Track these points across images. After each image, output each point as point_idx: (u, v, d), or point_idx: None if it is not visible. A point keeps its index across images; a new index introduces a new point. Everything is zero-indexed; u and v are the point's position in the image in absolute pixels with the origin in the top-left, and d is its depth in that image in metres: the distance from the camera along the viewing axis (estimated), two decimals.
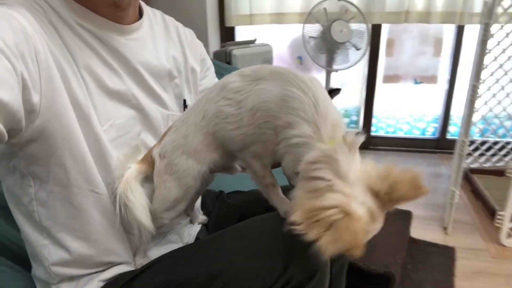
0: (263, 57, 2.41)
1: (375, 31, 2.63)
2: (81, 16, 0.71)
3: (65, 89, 0.66)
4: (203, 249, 0.74)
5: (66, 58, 0.67)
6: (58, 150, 0.66)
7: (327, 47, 2.33)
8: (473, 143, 2.22)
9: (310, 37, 2.34)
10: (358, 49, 2.34)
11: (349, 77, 2.86)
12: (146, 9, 0.86)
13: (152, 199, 0.78)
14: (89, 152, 0.70)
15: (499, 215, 1.74)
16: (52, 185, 0.69)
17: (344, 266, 0.94)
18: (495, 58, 1.81)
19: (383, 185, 0.57)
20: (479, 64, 1.67)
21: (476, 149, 2.26)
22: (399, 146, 2.91)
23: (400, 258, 1.41)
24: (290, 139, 0.63)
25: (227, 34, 2.77)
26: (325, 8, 2.27)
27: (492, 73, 1.89)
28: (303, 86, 0.63)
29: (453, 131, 2.83)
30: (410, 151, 2.86)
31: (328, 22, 2.25)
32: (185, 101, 0.90)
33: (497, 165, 2.30)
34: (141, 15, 0.84)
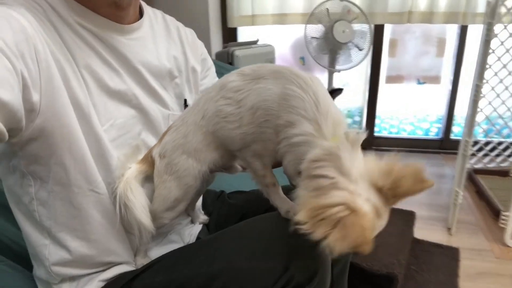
0: (266, 57, 2.40)
1: (378, 31, 2.63)
2: (81, 15, 0.71)
3: (65, 89, 0.66)
4: (204, 249, 0.74)
5: (66, 57, 0.67)
6: (58, 149, 0.66)
7: (330, 48, 2.32)
8: (477, 143, 2.21)
9: (312, 38, 2.33)
10: (360, 50, 2.33)
11: (352, 77, 2.86)
12: (146, 9, 0.86)
13: (152, 199, 0.77)
14: (89, 151, 0.70)
15: (504, 215, 1.73)
16: (52, 185, 0.69)
17: (346, 266, 0.93)
18: (499, 58, 1.80)
19: (387, 181, 0.57)
20: (482, 64, 1.66)
21: (480, 149, 2.24)
22: (403, 146, 2.89)
23: (403, 259, 1.40)
24: (291, 138, 0.62)
25: (229, 35, 2.77)
26: (327, 8, 2.26)
27: (495, 73, 1.88)
28: (303, 84, 0.63)
29: (457, 131, 2.81)
30: (413, 151, 2.84)
31: (330, 22, 2.25)
32: (185, 100, 0.90)
33: (501, 165, 2.28)
34: (141, 14, 0.84)
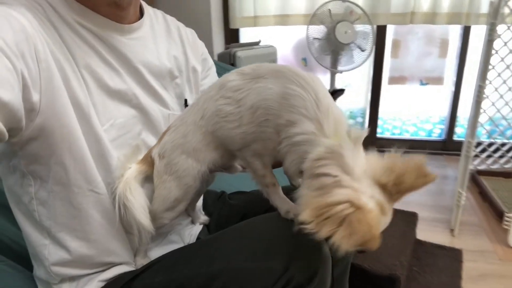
0: (268, 58, 2.40)
1: (380, 32, 2.62)
2: (81, 15, 0.71)
3: (65, 88, 0.65)
4: (203, 249, 0.74)
5: (66, 57, 0.67)
6: (58, 149, 0.66)
7: (332, 49, 2.32)
8: (480, 144, 2.20)
9: (314, 39, 2.33)
10: (363, 50, 2.33)
11: (354, 78, 2.85)
12: (147, 8, 0.86)
13: (152, 199, 0.77)
14: (89, 151, 0.70)
15: (507, 217, 1.73)
16: (52, 185, 0.69)
17: (347, 268, 0.92)
18: (502, 59, 1.79)
19: (390, 177, 0.57)
20: (485, 64, 1.66)
21: (483, 150, 2.23)
22: (405, 147, 2.87)
23: (405, 260, 1.39)
24: (292, 137, 0.62)
25: (231, 36, 2.77)
26: (329, 9, 2.26)
27: (499, 74, 1.87)
28: (303, 83, 0.62)
29: (460, 132, 2.80)
30: (416, 153, 2.82)
31: (332, 23, 2.25)
32: (186, 100, 0.89)
33: (504, 166, 2.27)
34: (142, 14, 0.84)
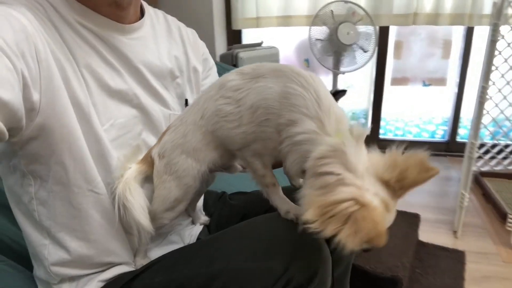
0: (270, 59, 2.40)
1: (383, 33, 2.61)
2: (82, 15, 0.71)
3: (65, 88, 0.65)
4: (203, 249, 0.74)
5: (66, 57, 0.67)
6: (57, 149, 0.66)
7: (334, 50, 2.32)
8: (483, 146, 2.19)
9: (316, 40, 2.33)
10: (365, 51, 2.32)
11: (357, 79, 2.84)
12: (147, 8, 0.86)
13: (152, 200, 0.77)
14: (89, 151, 0.69)
15: (511, 218, 1.71)
16: (52, 184, 0.69)
17: (348, 268, 0.92)
18: (505, 59, 1.78)
19: (392, 173, 0.57)
20: (488, 65, 1.65)
21: (486, 152, 2.22)
22: (408, 149, 2.86)
23: (407, 261, 1.38)
24: (294, 136, 0.62)
25: (234, 37, 2.78)
26: (332, 10, 2.26)
27: (502, 75, 1.86)
28: (303, 82, 0.62)
29: (463, 134, 2.78)
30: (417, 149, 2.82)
31: (335, 24, 2.25)
32: (187, 100, 0.89)
33: (508, 168, 2.25)
34: (142, 14, 0.84)
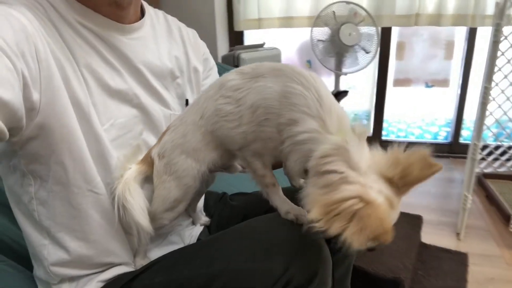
0: (272, 60, 2.37)
1: (385, 34, 2.61)
2: (82, 14, 0.71)
3: (65, 88, 0.65)
4: (204, 249, 0.73)
5: (66, 56, 0.67)
6: (57, 148, 0.66)
7: (336, 51, 2.31)
8: (487, 147, 2.18)
9: (318, 41, 2.32)
10: (367, 52, 2.32)
11: (359, 80, 2.84)
12: (148, 8, 0.85)
13: (152, 200, 0.77)
14: (89, 151, 0.69)
15: None
16: (52, 184, 0.69)
17: (349, 270, 0.91)
18: (509, 60, 1.77)
19: (395, 170, 0.56)
20: (490, 65, 1.64)
21: (490, 153, 2.21)
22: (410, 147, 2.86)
23: (409, 263, 1.37)
24: (295, 136, 0.61)
25: (235, 38, 2.78)
26: (333, 11, 2.25)
27: (505, 76, 1.85)
28: (304, 81, 0.62)
29: (466, 135, 2.77)
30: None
31: (337, 25, 2.24)
32: (187, 101, 0.89)
33: (511, 169, 2.24)
34: (143, 14, 0.84)
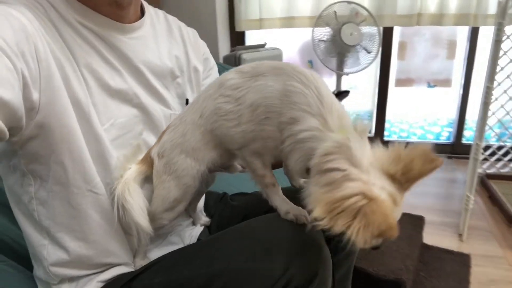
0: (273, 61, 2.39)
1: (387, 34, 2.60)
2: (82, 14, 0.70)
3: (65, 88, 0.65)
4: (203, 249, 0.73)
5: (66, 56, 0.67)
6: (57, 148, 0.66)
7: (338, 51, 2.30)
8: (489, 147, 2.17)
9: (320, 41, 2.32)
10: (369, 52, 2.31)
11: (361, 80, 2.83)
12: (148, 8, 0.85)
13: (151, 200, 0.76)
14: (89, 151, 0.69)
15: None
16: (52, 184, 0.68)
17: (349, 271, 0.91)
18: (511, 60, 1.76)
19: (397, 166, 0.56)
20: (493, 65, 1.63)
21: (493, 154, 2.20)
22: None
23: (411, 264, 1.37)
24: (296, 134, 0.61)
25: (237, 38, 2.78)
26: (335, 11, 2.25)
27: (508, 76, 1.84)
28: (304, 79, 0.62)
29: (469, 135, 2.76)
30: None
31: (338, 25, 2.23)
32: (187, 100, 0.89)
33: None
34: (143, 14, 0.83)
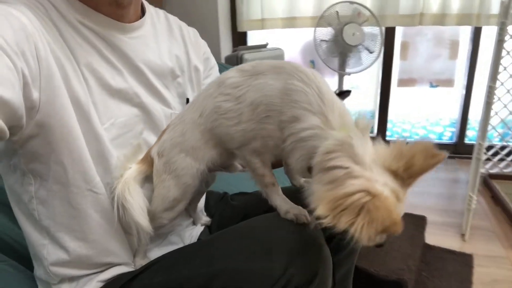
0: None
1: (389, 34, 2.59)
2: (83, 14, 0.71)
3: (65, 87, 0.65)
4: (203, 249, 0.73)
5: (66, 55, 0.67)
6: (57, 148, 0.66)
7: (340, 51, 2.30)
8: (492, 147, 2.16)
9: (321, 41, 2.31)
10: (371, 52, 2.30)
11: (363, 80, 2.82)
12: (148, 8, 0.85)
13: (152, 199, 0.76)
14: (88, 151, 0.69)
15: None
16: (52, 184, 0.68)
17: (350, 271, 0.91)
18: None
19: (400, 163, 0.56)
20: (495, 64, 1.62)
21: (495, 154, 2.19)
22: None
23: (413, 264, 1.36)
24: (298, 133, 0.61)
25: (239, 39, 2.78)
26: (337, 11, 2.24)
27: (511, 75, 1.83)
28: (304, 78, 0.62)
29: (472, 135, 2.75)
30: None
31: (340, 25, 2.23)
32: (188, 100, 0.89)
33: None
34: (143, 13, 0.83)
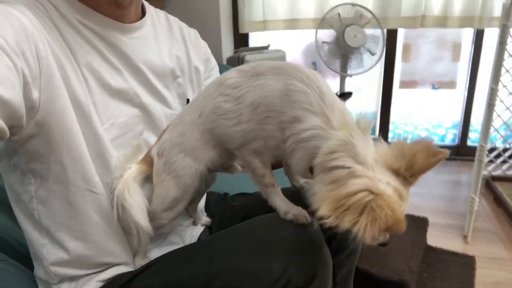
0: None
1: (391, 36, 2.59)
2: (83, 14, 0.71)
3: (65, 87, 0.65)
4: (203, 249, 0.73)
5: (66, 55, 0.67)
6: (57, 147, 0.66)
7: (341, 52, 2.30)
8: (495, 150, 2.15)
9: (323, 42, 2.31)
10: (373, 54, 2.30)
11: (365, 82, 2.82)
12: (149, 8, 0.86)
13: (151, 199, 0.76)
14: (88, 151, 0.69)
15: None
16: (52, 183, 0.69)
17: (351, 272, 0.90)
18: None
19: (401, 162, 0.57)
20: (497, 66, 1.62)
21: (498, 156, 2.18)
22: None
23: (415, 266, 1.36)
24: (299, 133, 0.61)
25: (240, 40, 2.78)
26: (339, 13, 2.24)
27: None
28: (305, 78, 0.62)
29: (474, 137, 2.74)
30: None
31: (342, 27, 2.23)
32: (188, 100, 0.89)
33: None
34: (144, 14, 0.84)
